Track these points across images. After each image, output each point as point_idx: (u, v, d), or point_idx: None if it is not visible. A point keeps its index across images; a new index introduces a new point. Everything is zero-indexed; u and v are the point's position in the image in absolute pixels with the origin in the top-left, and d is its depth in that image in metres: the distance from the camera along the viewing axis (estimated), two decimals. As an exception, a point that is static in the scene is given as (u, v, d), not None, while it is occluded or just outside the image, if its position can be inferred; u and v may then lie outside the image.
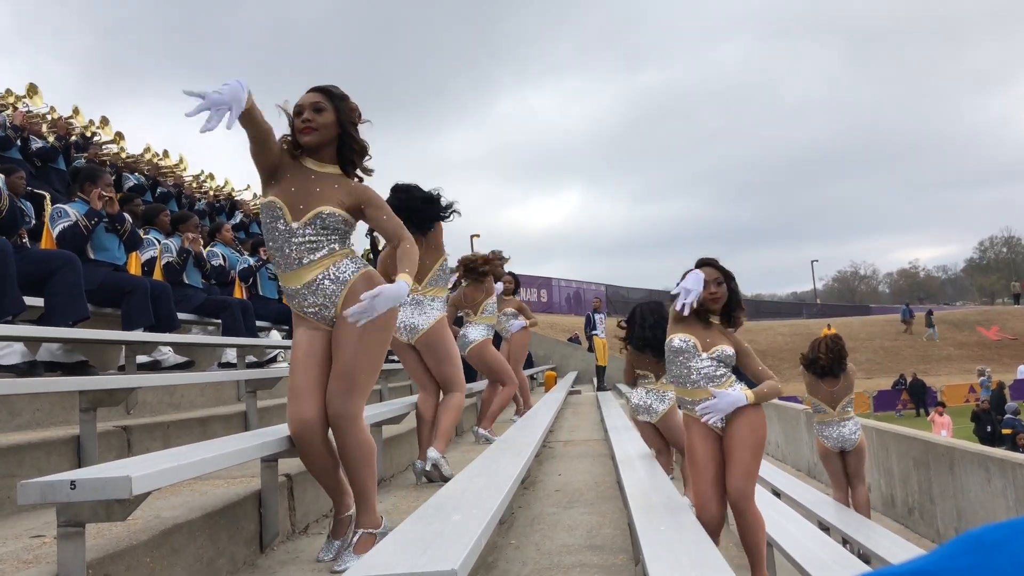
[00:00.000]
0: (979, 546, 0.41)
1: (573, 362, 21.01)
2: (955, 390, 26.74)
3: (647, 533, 2.78)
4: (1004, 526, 0.41)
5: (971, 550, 0.41)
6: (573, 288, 38.35)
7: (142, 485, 2.04)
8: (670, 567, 2.34)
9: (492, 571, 3.02)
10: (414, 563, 1.77)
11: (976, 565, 0.39)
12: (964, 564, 0.40)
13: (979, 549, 0.40)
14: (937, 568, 0.41)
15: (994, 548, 0.40)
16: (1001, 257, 75.60)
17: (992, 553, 0.39)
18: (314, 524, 3.68)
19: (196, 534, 2.66)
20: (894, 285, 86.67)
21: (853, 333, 36.62)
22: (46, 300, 4.74)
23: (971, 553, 0.40)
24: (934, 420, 17.00)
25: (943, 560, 0.41)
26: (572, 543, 3.40)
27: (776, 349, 32.65)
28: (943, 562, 0.41)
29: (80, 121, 11.27)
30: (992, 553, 0.39)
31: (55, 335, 4.52)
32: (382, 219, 2.94)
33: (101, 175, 5.90)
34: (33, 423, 4.04)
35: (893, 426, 9.10)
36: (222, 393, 6.21)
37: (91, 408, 3.62)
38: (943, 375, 30.70)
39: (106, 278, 5.53)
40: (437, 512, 2.40)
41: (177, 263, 6.92)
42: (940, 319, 38.93)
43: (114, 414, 4.41)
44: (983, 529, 0.42)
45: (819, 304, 55.63)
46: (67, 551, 2.04)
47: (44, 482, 2.02)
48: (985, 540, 0.41)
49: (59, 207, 5.57)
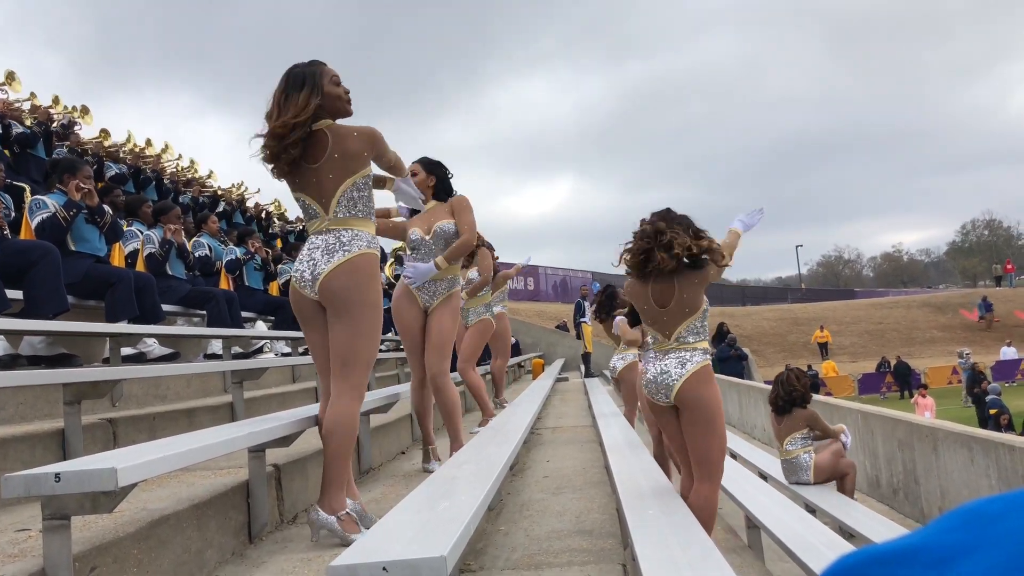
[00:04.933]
0: (973, 521, 0.39)
1: (560, 349, 21.08)
2: (938, 372, 27.04)
3: (635, 517, 2.79)
4: (997, 500, 0.40)
5: (964, 525, 0.40)
6: (560, 276, 38.37)
7: (128, 477, 2.03)
8: (659, 550, 2.35)
9: (481, 557, 3.03)
10: (403, 550, 1.77)
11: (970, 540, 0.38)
12: (957, 539, 0.39)
13: (973, 524, 0.39)
14: (930, 544, 0.40)
15: (988, 522, 0.39)
16: (983, 240, 76.17)
17: (986, 528, 0.38)
18: (302, 513, 3.67)
19: (184, 525, 2.65)
20: (878, 269, 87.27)
21: (838, 317, 36.93)
22: (25, 293, 4.69)
23: (964, 528, 0.39)
24: (917, 402, 17.18)
25: (936, 535, 0.40)
26: (561, 528, 3.41)
27: (761, 334, 32.85)
28: (936, 537, 0.40)
29: (59, 109, 11.11)
30: (986, 528, 0.38)
31: (39, 328, 4.48)
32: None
33: (80, 166, 5.83)
34: (17, 417, 4.00)
35: (878, 408, 9.17)
36: (208, 384, 6.18)
37: (75, 401, 3.59)
38: (926, 357, 31.01)
39: (89, 270, 5.48)
40: (426, 500, 2.40)
41: (160, 254, 6.86)
42: (924, 302, 39.31)
43: (99, 407, 4.38)
44: (977, 503, 0.41)
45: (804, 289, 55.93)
46: (53, 544, 2.02)
47: (28, 475, 2.00)
48: (979, 514, 0.40)
49: (38, 198, 5.50)
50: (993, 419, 14.87)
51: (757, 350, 29.17)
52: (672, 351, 3.60)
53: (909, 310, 38.25)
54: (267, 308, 8.51)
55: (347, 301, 3.00)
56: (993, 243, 74.24)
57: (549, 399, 10.19)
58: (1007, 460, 5.72)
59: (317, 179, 3.06)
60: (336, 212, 3.07)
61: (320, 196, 3.08)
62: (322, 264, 3.02)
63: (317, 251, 3.06)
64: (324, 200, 3.07)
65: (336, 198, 3.06)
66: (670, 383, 3.55)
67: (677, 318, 3.59)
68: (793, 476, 6.64)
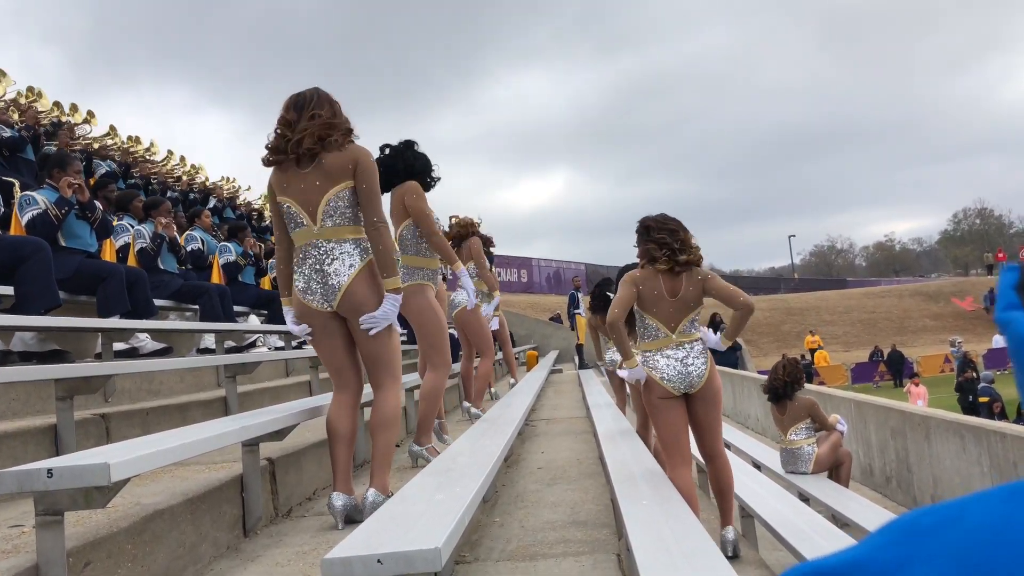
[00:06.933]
0: (908, 535, 0.38)
1: (554, 341, 21.08)
2: (931, 361, 27.15)
3: (630, 507, 2.80)
4: (932, 512, 0.39)
5: (899, 540, 0.39)
6: (553, 268, 38.40)
7: (121, 472, 2.02)
8: (653, 540, 2.36)
9: (476, 549, 3.03)
10: (398, 542, 1.77)
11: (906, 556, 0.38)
12: (894, 555, 0.38)
13: (908, 538, 0.38)
14: (866, 559, 0.39)
15: (922, 537, 0.38)
16: (975, 229, 76.41)
17: (920, 542, 0.37)
18: (297, 507, 3.67)
19: (178, 520, 2.65)
20: (870, 258, 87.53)
21: (831, 306, 37.05)
22: (16, 288, 4.66)
23: (899, 543, 0.38)
24: (910, 391, 17.24)
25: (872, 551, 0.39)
26: (556, 519, 3.42)
27: (754, 324, 32.91)
28: (873, 552, 0.39)
29: (44, 105, 11.03)
30: (920, 542, 0.37)
31: (31, 324, 4.46)
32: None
33: (70, 162, 5.79)
34: (9, 413, 3.99)
35: (870, 397, 9.21)
36: (201, 379, 6.16)
37: (68, 396, 3.57)
38: (919, 346, 31.15)
39: (81, 265, 5.45)
40: (420, 491, 2.41)
41: (151, 249, 6.83)
42: (916, 291, 39.45)
43: (92, 402, 4.37)
44: (913, 516, 0.40)
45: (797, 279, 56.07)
46: (46, 540, 2.02)
47: (21, 471, 1.99)
48: (914, 528, 0.38)
49: (27, 194, 5.46)
50: (985, 407, 14.92)
51: (751, 340, 29.26)
52: (684, 344, 4.02)
53: (901, 299, 38.41)
54: (260, 302, 8.48)
55: (371, 307, 3.14)
56: (985, 232, 74.49)
57: (543, 391, 10.21)
58: (999, 448, 5.75)
59: (304, 184, 3.12)
60: (324, 223, 3.12)
61: (306, 203, 3.13)
62: (334, 278, 3.10)
63: (321, 264, 3.12)
64: (310, 208, 3.13)
65: (322, 207, 3.12)
66: (699, 373, 3.99)
67: (683, 311, 4.01)
68: (791, 465, 6.66)
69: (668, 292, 3.99)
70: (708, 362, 4.03)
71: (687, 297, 3.99)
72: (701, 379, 3.99)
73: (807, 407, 6.62)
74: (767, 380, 6.94)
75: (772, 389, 6.77)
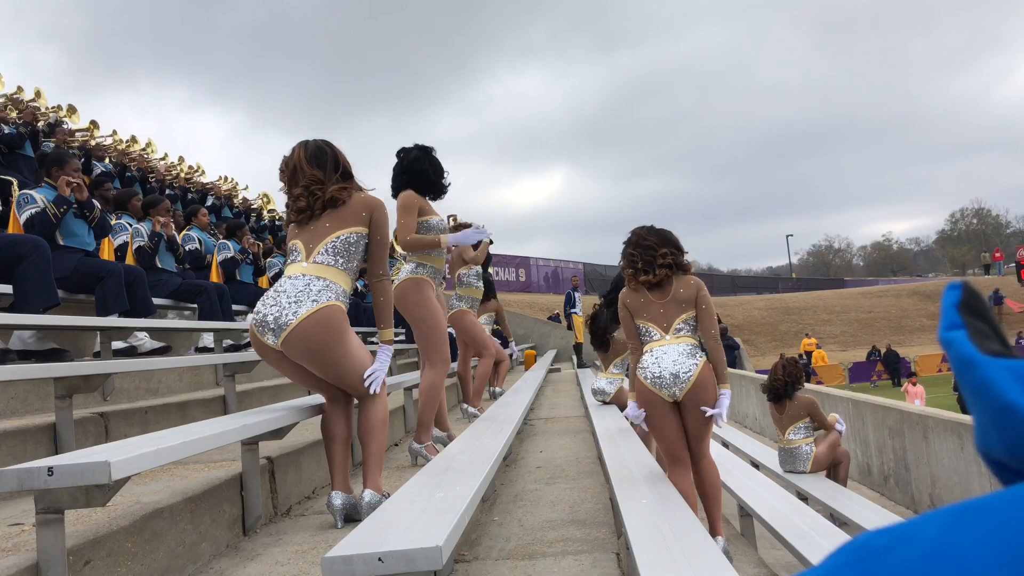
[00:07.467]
0: (860, 557, 0.39)
1: (552, 340, 21.07)
2: (928, 360, 27.18)
3: (629, 506, 2.80)
4: (886, 532, 0.39)
5: (854, 561, 0.39)
6: (551, 267, 38.38)
7: (121, 470, 2.02)
8: (652, 538, 2.36)
9: (476, 548, 3.04)
10: (399, 540, 1.77)
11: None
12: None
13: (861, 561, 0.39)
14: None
15: (875, 559, 0.38)
16: (972, 228, 76.61)
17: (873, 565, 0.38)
18: (296, 506, 3.67)
19: (178, 518, 2.65)
20: (868, 258, 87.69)
21: (828, 306, 37.09)
22: (15, 287, 4.66)
23: (852, 565, 0.39)
24: (908, 390, 17.28)
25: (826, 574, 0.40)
26: (555, 518, 3.42)
27: (752, 323, 32.96)
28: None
29: (43, 103, 11.01)
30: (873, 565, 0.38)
31: (29, 323, 4.45)
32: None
33: (68, 160, 5.78)
34: (8, 411, 3.99)
35: (868, 396, 9.23)
36: (200, 378, 6.16)
37: (67, 395, 3.57)
38: (916, 346, 31.19)
39: (79, 264, 5.44)
40: (420, 490, 2.41)
41: (149, 247, 6.83)
42: (913, 291, 39.50)
43: (91, 401, 4.37)
44: (866, 537, 0.40)
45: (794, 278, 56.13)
46: (46, 538, 2.02)
47: (21, 469, 1.99)
48: (866, 550, 0.39)
49: (25, 193, 5.46)
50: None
51: (748, 339, 29.30)
52: (676, 344, 3.92)
53: (899, 299, 38.45)
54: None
55: (317, 353, 3.04)
56: (982, 231, 74.67)
57: (542, 390, 10.21)
58: (996, 446, 5.76)
59: (315, 227, 3.18)
60: (316, 258, 3.12)
61: (309, 241, 3.17)
62: (289, 313, 3.02)
63: (283, 296, 3.08)
64: (311, 245, 3.16)
65: (322, 244, 3.14)
66: (686, 372, 3.87)
67: (675, 311, 3.95)
68: (789, 465, 6.67)
69: (655, 297, 3.98)
70: (699, 366, 3.87)
71: (678, 297, 3.96)
72: (689, 379, 3.84)
73: (807, 406, 6.64)
74: (767, 380, 6.96)
75: (772, 389, 6.79)
